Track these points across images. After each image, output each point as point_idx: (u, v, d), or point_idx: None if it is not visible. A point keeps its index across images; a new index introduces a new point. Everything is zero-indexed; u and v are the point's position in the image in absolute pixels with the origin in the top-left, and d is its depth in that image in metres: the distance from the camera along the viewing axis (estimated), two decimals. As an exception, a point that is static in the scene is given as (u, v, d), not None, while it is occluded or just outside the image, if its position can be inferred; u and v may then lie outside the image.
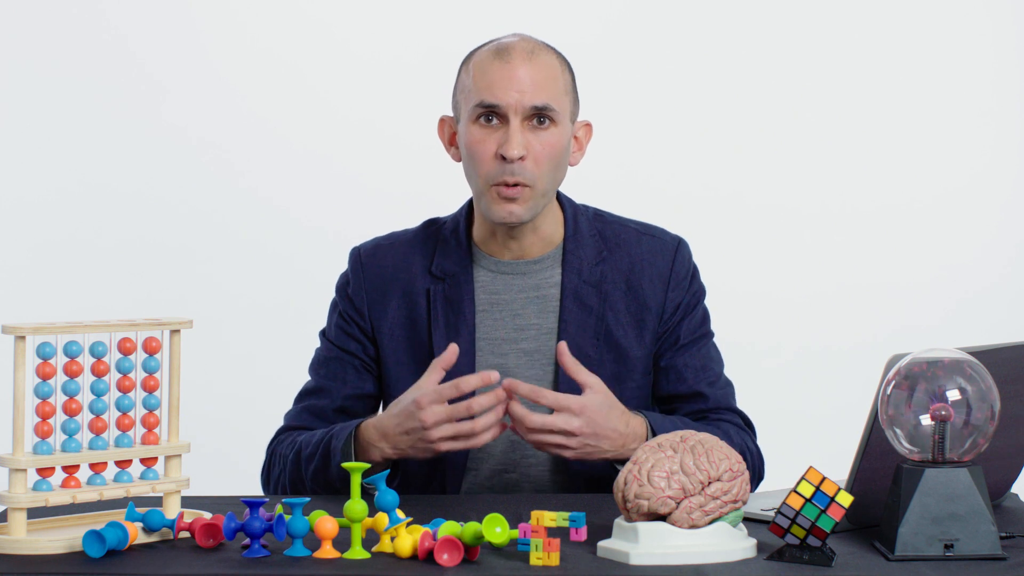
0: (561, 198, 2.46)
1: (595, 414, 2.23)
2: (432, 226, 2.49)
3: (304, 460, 2.35)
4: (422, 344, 2.42)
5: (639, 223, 2.49)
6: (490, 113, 2.33)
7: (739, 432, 2.40)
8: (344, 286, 2.49)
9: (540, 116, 2.33)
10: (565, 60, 2.40)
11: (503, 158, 2.31)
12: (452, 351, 2.23)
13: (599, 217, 2.48)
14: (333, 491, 2.32)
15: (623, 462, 2.26)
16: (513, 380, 2.22)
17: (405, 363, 2.42)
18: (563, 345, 2.27)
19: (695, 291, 2.47)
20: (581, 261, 2.42)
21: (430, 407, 2.20)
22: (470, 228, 2.45)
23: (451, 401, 2.21)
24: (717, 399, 2.43)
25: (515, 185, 2.32)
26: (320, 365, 2.48)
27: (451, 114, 2.43)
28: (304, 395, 2.48)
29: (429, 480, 2.43)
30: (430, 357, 2.36)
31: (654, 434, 2.27)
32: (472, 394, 2.21)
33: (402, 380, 2.40)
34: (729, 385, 2.47)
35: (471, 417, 2.20)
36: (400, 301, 2.44)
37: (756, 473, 2.41)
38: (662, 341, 2.43)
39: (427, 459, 2.32)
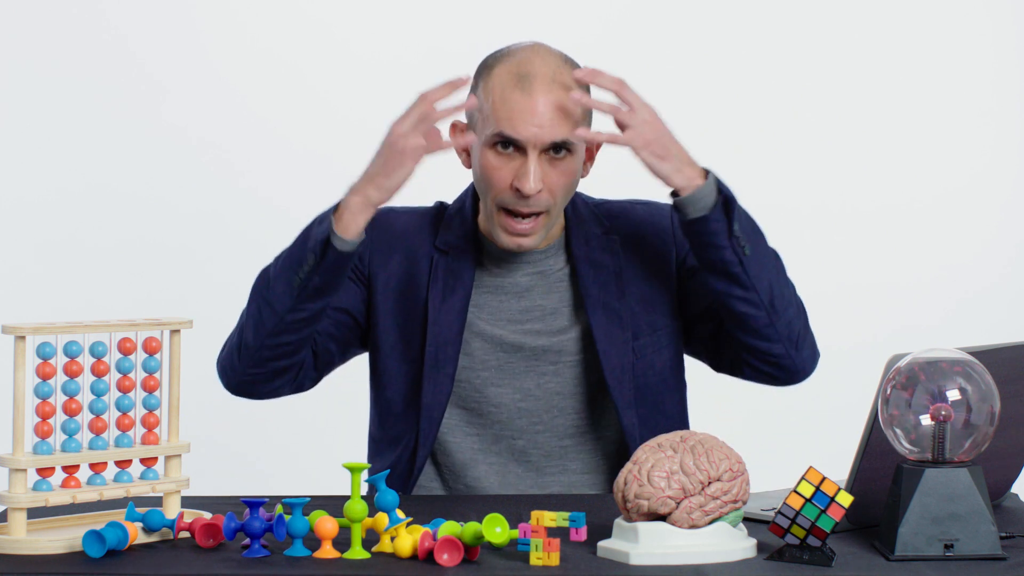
0: None
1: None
2: (441, 207, 2.51)
3: (274, 259, 2.36)
4: (418, 300, 2.42)
5: (631, 199, 2.54)
6: (507, 142, 2.33)
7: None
8: None
9: (558, 147, 2.33)
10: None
11: (518, 190, 2.32)
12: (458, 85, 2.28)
13: (595, 203, 2.52)
14: (295, 268, 2.31)
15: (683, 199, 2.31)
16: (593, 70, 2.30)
17: (394, 315, 2.43)
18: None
19: None
20: (588, 233, 2.45)
21: (399, 118, 2.28)
22: (475, 211, 2.46)
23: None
24: None
25: (528, 215, 2.33)
26: None
27: (462, 120, 2.42)
28: None
29: (404, 432, 2.42)
30: (423, 313, 2.40)
31: (709, 175, 2.34)
32: None
33: (388, 331, 2.43)
34: None
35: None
36: (402, 258, 2.44)
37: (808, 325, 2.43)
38: (681, 274, 2.46)
39: (399, 391, 2.39)
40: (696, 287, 2.45)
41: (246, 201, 4.12)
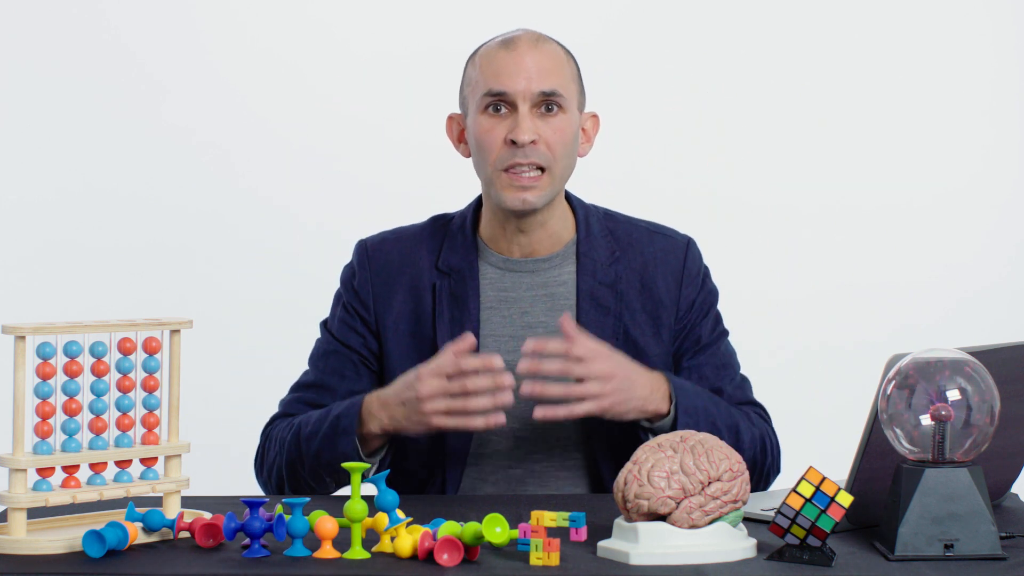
0: (571, 198, 2.46)
1: (620, 359, 2.27)
2: (439, 221, 2.49)
3: (304, 439, 2.34)
4: (426, 338, 2.42)
5: (648, 222, 2.51)
6: (499, 102, 2.34)
7: (760, 420, 2.43)
8: (349, 279, 2.48)
9: (548, 103, 2.34)
10: (570, 52, 2.42)
11: (513, 143, 2.32)
12: (468, 341, 2.24)
13: (609, 217, 2.49)
14: (331, 472, 2.31)
15: (649, 426, 2.30)
16: (539, 340, 2.24)
17: (408, 356, 2.42)
18: (566, 316, 2.28)
19: (709, 290, 2.48)
20: (595, 263, 2.43)
21: (428, 379, 2.23)
22: (477, 225, 2.46)
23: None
24: (736, 394, 2.45)
25: (529, 167, 2.33)
26: (319, 358, 2.48)
27: (458, 111, 2.43)
28: (301, 387, 2.47)
29: (430, 473, 2.42)
30: (433, 351, 2.37)
31: (673, 387, 2.30)
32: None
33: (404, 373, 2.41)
34: (746, 380, 2.49)
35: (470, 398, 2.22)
36: (406, 295, 2.44)
37: (775, 465, 2.43)
38: (681, 340, 2.45)
39: (424, 438, 2.34)
40: (688, 372, 2.45)
41: (246, 201, 4.12)
